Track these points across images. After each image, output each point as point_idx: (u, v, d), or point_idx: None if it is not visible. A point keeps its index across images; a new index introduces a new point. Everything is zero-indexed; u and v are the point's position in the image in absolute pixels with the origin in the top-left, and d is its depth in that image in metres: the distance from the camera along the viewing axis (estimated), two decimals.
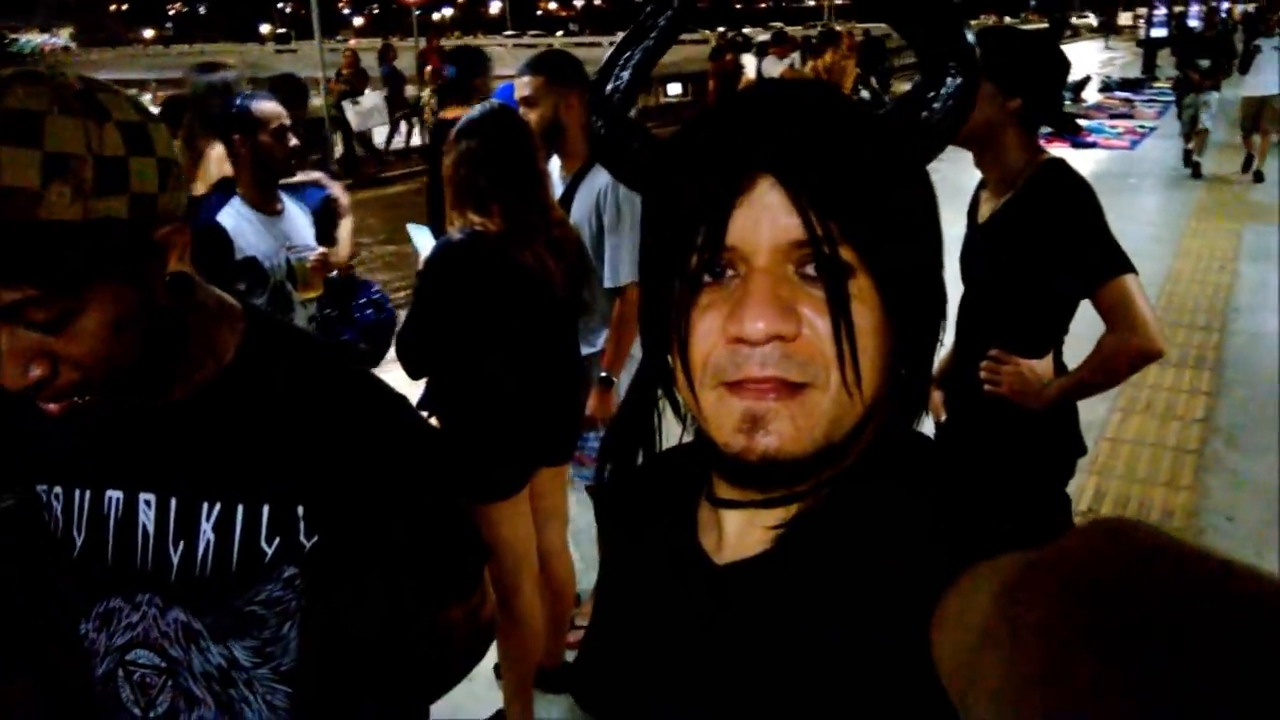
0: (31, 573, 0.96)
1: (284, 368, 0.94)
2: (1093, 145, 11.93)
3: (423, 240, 2.78)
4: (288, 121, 2.54)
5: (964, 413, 2.17)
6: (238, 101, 2.53)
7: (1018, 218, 1.96)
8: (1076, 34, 35.05)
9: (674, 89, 16.38)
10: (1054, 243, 1.89)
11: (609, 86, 0.72)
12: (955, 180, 2.37)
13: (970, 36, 0.65)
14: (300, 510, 0.89)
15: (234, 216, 2.53)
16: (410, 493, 0.95)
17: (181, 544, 0.90)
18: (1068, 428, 2.08)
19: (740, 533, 0.64)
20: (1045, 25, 32.72)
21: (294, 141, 2.54)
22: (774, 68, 11.54)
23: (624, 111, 0.71)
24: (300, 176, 2.92)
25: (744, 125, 0.58)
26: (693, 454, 0.69)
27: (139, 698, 0.93)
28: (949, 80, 0.63)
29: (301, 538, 0.89)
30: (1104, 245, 1.87)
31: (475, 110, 2.24)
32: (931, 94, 0.63)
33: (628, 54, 0.72)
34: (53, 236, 0.72)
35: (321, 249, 2.76)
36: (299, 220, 2.76)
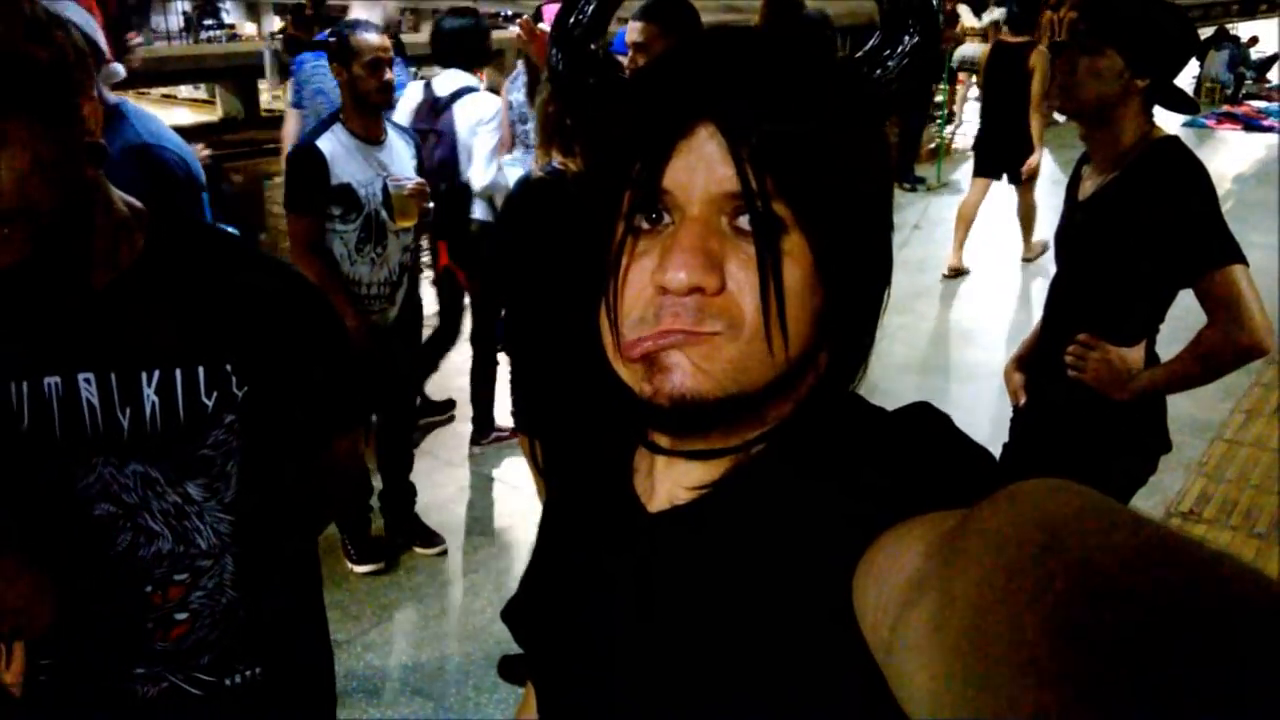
0: None
1: (191, 249, 1.05)
2: (1269, 130, 10.96)
3: (514, 174, 2.81)
4: (385, 55, 2.58)
5: (1044, 398, 2.06)
6: (341, 31, 2.59)
7: (1122, 196, 1.82)
8: None
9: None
10: (1159, 224, 1.75)
11: (572, 19, 0.69)
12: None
13: None
14: (229, 367, 1.03)
15: (332, 142, 2.60)
16: (310, 341, 1.11)
17: (129, 409, 1.01)
18: (1153, 421, 1.95)
19: (673, 481, 0.64)
20: None
21: (389, 75, 2.58)
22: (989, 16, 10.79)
23: (585, 46, 0.68)
24: None
25: (691, 71, 0.57)
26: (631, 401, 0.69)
27: (99, 539, 1.04)
28: (905, 39, 0.59)
29: (234, 389, 1.04)
30: (1213, 231, 1.71)
31: None
32: (887, 52, 0.59)
33: None
34: None
35: (419, 179, 2.81)
36: (400, 150, 2.82)
